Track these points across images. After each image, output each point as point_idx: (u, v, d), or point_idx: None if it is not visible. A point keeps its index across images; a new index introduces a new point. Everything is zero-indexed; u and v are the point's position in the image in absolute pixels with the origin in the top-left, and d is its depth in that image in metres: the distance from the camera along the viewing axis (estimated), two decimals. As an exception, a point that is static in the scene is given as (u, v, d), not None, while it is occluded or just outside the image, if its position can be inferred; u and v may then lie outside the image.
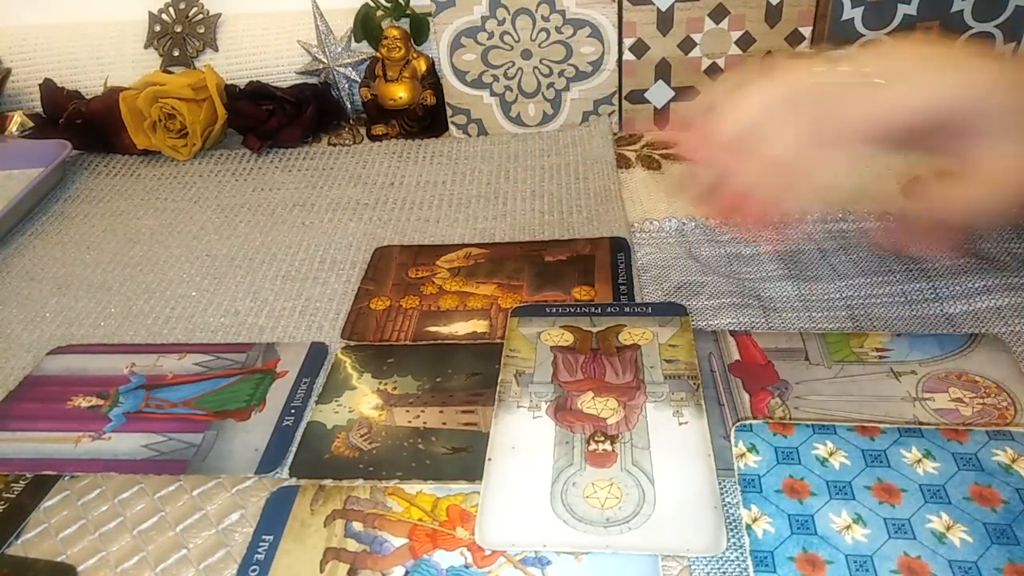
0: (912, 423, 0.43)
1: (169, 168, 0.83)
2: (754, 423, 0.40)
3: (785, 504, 0.36)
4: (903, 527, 0.35)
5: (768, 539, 0.35)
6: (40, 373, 0.56)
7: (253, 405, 0.52)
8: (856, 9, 0.73)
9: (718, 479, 0.43)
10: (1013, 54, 0.57)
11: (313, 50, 0.86)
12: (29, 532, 0.45)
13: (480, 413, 0.49)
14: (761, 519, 0.36)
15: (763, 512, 0.36)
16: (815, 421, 0.41)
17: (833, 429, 0.40)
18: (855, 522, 0.35)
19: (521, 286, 0.60)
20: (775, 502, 0.36)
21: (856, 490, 0.37)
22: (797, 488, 0.37)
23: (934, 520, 0.35)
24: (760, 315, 0.55)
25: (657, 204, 0.69)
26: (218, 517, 0.44)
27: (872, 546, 0.34)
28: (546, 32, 0.77)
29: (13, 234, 0.74)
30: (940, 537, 0.34)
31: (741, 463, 0.39)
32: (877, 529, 0.35)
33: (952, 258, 0.55)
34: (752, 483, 0.37)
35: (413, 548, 0.41)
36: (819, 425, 0.40)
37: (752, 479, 0.38)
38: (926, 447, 0.38)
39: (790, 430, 0.40)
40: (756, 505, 0.36)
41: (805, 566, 0.34)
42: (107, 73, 0.90)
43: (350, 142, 0.85)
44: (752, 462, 0.39)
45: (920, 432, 0.39)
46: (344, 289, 0.62)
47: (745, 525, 0.36)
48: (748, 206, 0.44)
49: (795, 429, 0.40)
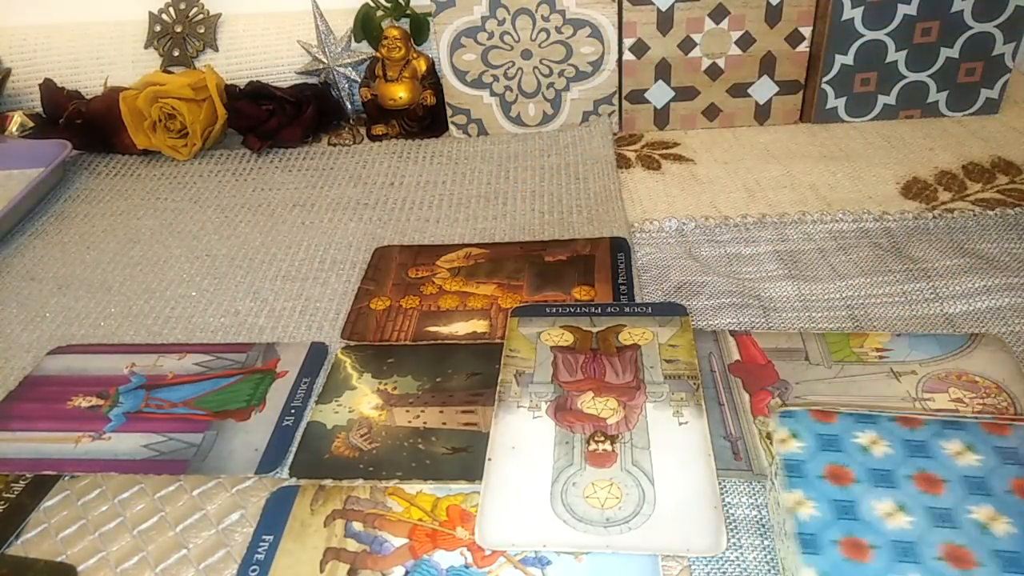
0: (953, 415, 0.43)
1: (169, 168, 0.83)
2: (796, 410, 0.40)
3: (828, 490, 0.37)
4: (945, 516, 0.35)
5: (813, 523, 0.35)
6: (40, 373, 0.56)
7: (253, 405, 0.52)
8: (856, 9, 0.73)
9: (718, 479, 0.43)
10: None
11: (313, 50, 0.86)
12: (29, 532, 0.45)
13: (480, 413, 0.49)
14: (806, 503, 0.36)
15: (807, 496, 0.36)
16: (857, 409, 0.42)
17: (875, 419, 0.40)
18: (899, 509, 0.35)
19: (521, 286, 0.60)
20: (818, 487, 0.37)
21: (898, 479, 0.37)
22: (839, 475, 0.37)
23: (976, 511, 0.35)
24: (760, 315, 0.55)
25: (657, 204, 0.69)
26: (218, 517, 0.44)
27: (915, 533, 0.35)
28: (546, 32, 0.77)
29: (13, 234, 0.74)
30: (983, 528, 0.35)
31: (784, 448, 0.39)
32: (920, 517, 0.35)
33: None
34: (796, 468, 0.38)
35: (413, 548, 0.41)
36: (861, 414, 0.40)
37: (795, 464, 0.38)
38: (968, 440, 0.39)
39: (832, 418, 0.40)
40: (800, 490, 0.37)
41: (850, 549, 0.34)
42: (107, 73, 0.90)
43: (350, 142, 0.85)
44: (796, 448, 0.39)
45: (962, 425, 0.39)
46: (344, 289, 0.62)
47: (787, 508, 0.36)
48: None
49: (837, 417, 0.40)
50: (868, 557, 0.34)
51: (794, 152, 0.76)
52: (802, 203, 0.67)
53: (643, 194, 0.71)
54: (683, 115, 0.81)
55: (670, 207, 0.69)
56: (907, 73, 0.77)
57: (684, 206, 0.69)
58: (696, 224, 0.65)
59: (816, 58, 0.77)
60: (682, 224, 0.65)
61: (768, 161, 0.75)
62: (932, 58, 0.76)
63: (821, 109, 0.79)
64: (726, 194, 0.70)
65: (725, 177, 0.73)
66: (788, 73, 0.78)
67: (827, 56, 0.76)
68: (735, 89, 0.79)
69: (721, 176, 0.73)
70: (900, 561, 0.33)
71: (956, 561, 0.33)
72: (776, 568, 0.40)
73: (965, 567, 0.33)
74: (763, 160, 0.75)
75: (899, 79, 0.77)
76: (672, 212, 0.68)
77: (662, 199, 0.70)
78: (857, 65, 0.77)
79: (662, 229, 0.65)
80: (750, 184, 0.71)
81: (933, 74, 0.77)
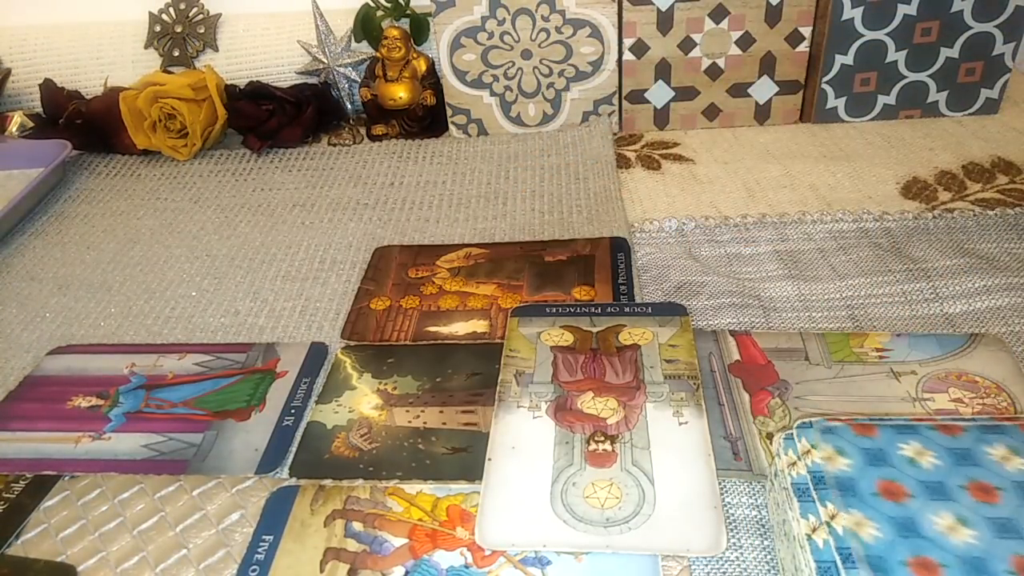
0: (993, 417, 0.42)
1: (169, 168, 0.83)
2: (836, 425, 0.39)
3: (885, 507, 0.35)
4: (1007, 526, 0.34)
5: (879, 545, 0.34)
6: (40, 373, 0.56)
7: (253, 405, 0.52)
8: (856, 9, 0.73)
9: (718, 479, 0.43)
10: None
11: (313, 50, 0.86)
12: (29, 532, 0.45)
13: (480, 413, 0.49)
14: (865, 524, 0.35)
15: (866, 516, 0.35)
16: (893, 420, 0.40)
17: (914, 428, 0.39)
18: (959, 523, 0.34)
19: (521, 286, 0.60)
20: (874, 505, 0.35)
21: (951, 490, 0.36)
22: (893, 491, 0.36)
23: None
24: (760, 315, 0.55)
25: (657, 204, 0.69)
26: (218, 517, 0.44)
27: (981, 547, 0.33)
28: (546, 32, 0.77)
29: (13, 234, 0.74)
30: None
31: (832, 467, 0.37)
32: (982, 530, 0.34)
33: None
34: (848, 487, 0.36)
35: (413, 548, 0.41)
36: (898, 425, 0.39)
37: (846, 482, 0.37)
38: (1010, 444, 0.37)
39: (872, 431, 0.39)
40: (857, 510, 0.35)
41: (920, 570, 0.33)
42: (107, 73, 0.90)
43: (350, 142, 0.85)
44: (843, 465, 0.38)
45: (1002, 429, 0.38)
46: (344, 289, 0.62)
47: (836, 527, 0.35)
48: None
49: (877, 430, 0.39)
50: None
51: (794, 152, 0.76)
52: (802, 203, 0.67)
53: (643, 194, 0.71)
54: (683, 115, 0.81)
55: (670, 207, 0.69)
56: (907, 73, 0.77)
57: (684, 206, 0.69)
58: (696, 224, 0.65)
59: (816, 58, 0.77)
60: (682, 224, 0.65)
61: (768, 161, 0.75)
62: (932, 58, 0.76)
63: (821, 109, 0.79)
64: (726, 194, 0.70)
65: (725, 177, 0.73)
66: (788, 73, 0.78)
67: (827, 56, 0.76)
68: (735, 89, 0.79)
69: (721, 176, 0.73)
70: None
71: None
72: (776, 568, 0.40)
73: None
74: (763, 160, 0.75)
75: (899, 79, 0.77)
76: (672, 212, 0.68)
77: (662, 199, 0.70)
78: (857, 65, 0.77)
79: (662, 229, 0.65)
80: (750, 184, 0.71)
81: (933, 74, 0.77)
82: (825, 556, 0.34)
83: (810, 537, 0.35)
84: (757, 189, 0.70)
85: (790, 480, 0.37)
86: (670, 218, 0.66)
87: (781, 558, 0.39)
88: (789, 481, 0.37)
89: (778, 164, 0.74)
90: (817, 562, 0.34)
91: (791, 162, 0.74)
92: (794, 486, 0.37)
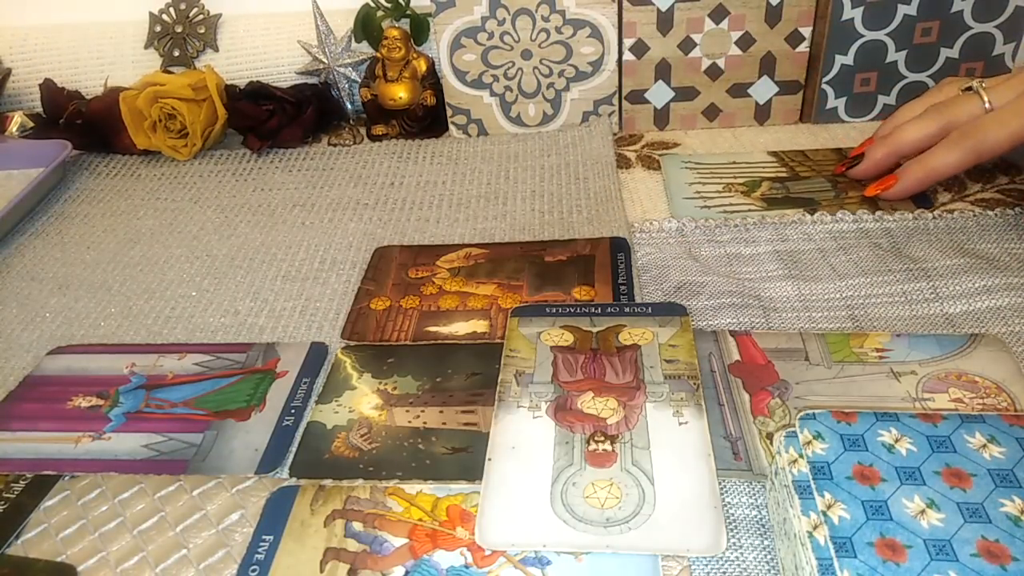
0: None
1: (169, 168, 0.83)
2: (817, 411, 0.40)
3: (857, 490, 0.36)
4: (977, 511, 0.35)
5: (845, 525, 0.35)
6: (40, 373, 0.56)
7: (253, 405, 0.52)
8: (856, 9, 0.73)
9: (718, 479, 0.43)
10: None
11: (313, 50, 0.86)
12: (29, 532, 0.45)
13: (480, 413, 0.49)
14: (836, 505, 0.36)
15: (836, 499, 0.36)
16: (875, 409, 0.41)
17: (895, 416, 0.39)
18: (929, 507, 0.35)
19: (521, 286, 0.60)
20: (847, 488, 0.36)
21: (926, 475, 0.36)
22: (867, 475, 0.37)
23: (1007, 504, 0.35)
24: (760, 315, 0.55)
25: (657, 204, 0.69)
26: (218, 517, 0.44)
27: (949, 530, 0.34)
28: (546, 32, 0.77)
29: (13, 234, 0.74)
30: (1016, 520, 0.34)
31: (809, 451, 0.38)
32: (952, 514, 0.35)
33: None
34: (822, 470, 0.37)
35: (413, 548, 0.41)
36: (880, 412, 0.40)
37: (822, 466, 0.37)
38: (990, 432, 0.38)
39: (853, 418, 0.40)
40: (829, 492, 0.36)
41: (885, 551, 0.34)
42: (107, 73, 0.90)
43: (350, 142, 0.85)
44: (820, 449, 0.38)
45: (982, 418, 0.39)
46: (344, 289, 0.62)
47: (821, 511, 0.36)
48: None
49: (858, 417, 0.40)
50: (904, 558, 0.33)
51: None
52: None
53: (643, 194, 0.71)
54: (683, 115, 0.81)
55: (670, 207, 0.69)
56: (907, 73, 0.77)
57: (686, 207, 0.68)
58: (696, 224, 0.65)
59: (816, 58, 0.77)
60: (682, 224, 0.65)
61: (768, 161, 0.75)
62: (932, 58, 0.76)
63: (821, 109, 0.79)
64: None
65: (725, 177, 0.73)
66: (788, 73, 0.78)
67: (827, 56, 0.76)
68: (735, 89, 0.79)
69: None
70: (936, 560, 0.33)
71: (992, 556, 0.33)
72: (776, 568, 0.40)
73: (1001, 562, 0.33)
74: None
75: (899, 79, 0.77)
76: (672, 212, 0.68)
77: (662, 199, 0.70)
78: (857, 65, 0.77)
79: (662, 229, 0.65)
80: (750, 184, 0.71)
81: (933, 74, 0.77)
82: (826, 553, 0.34)
83: (811, 534, 0.35)
84: (757, 189, 0.70)
85: (791, 477, 0.37)
86: (670, 218, 0.66)
87: (781, 557, 0.39)
88: (790, 478, 0.37)
89: (778, 164, 0.74)
90: (819, 559, 0.34)
91: (791, 162, 0.74)
92: (795, 483, 0.37)
